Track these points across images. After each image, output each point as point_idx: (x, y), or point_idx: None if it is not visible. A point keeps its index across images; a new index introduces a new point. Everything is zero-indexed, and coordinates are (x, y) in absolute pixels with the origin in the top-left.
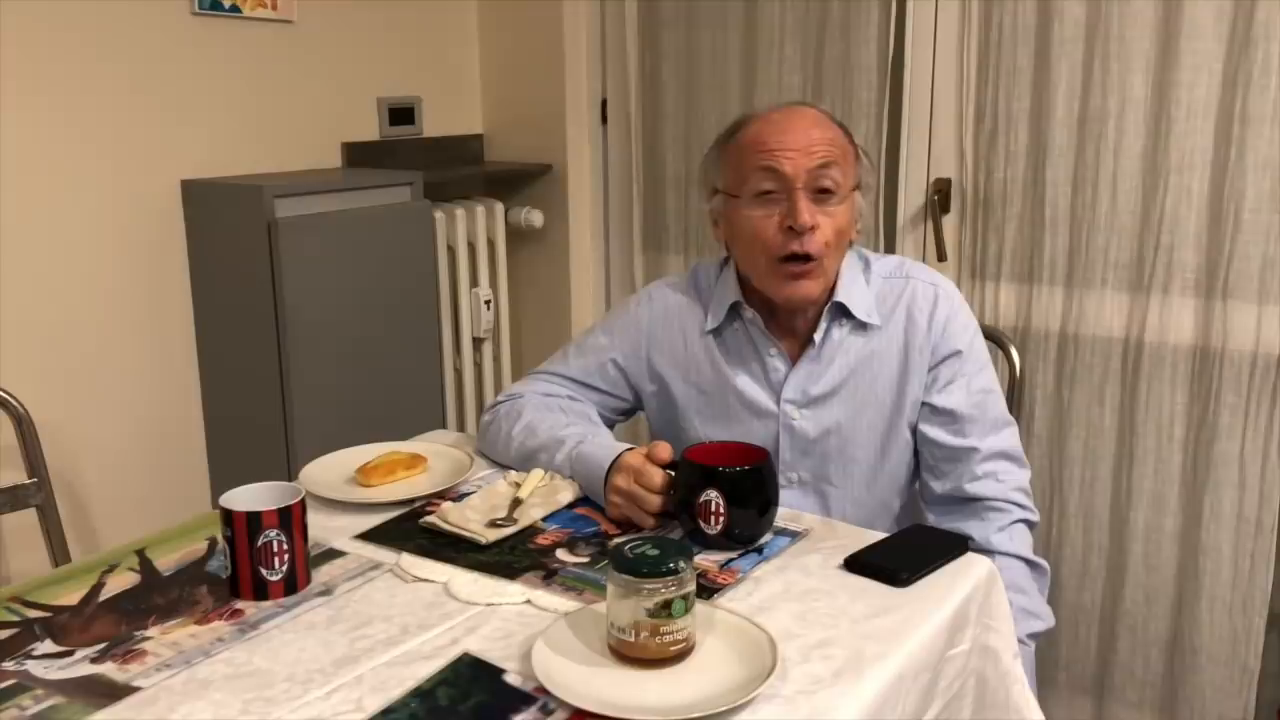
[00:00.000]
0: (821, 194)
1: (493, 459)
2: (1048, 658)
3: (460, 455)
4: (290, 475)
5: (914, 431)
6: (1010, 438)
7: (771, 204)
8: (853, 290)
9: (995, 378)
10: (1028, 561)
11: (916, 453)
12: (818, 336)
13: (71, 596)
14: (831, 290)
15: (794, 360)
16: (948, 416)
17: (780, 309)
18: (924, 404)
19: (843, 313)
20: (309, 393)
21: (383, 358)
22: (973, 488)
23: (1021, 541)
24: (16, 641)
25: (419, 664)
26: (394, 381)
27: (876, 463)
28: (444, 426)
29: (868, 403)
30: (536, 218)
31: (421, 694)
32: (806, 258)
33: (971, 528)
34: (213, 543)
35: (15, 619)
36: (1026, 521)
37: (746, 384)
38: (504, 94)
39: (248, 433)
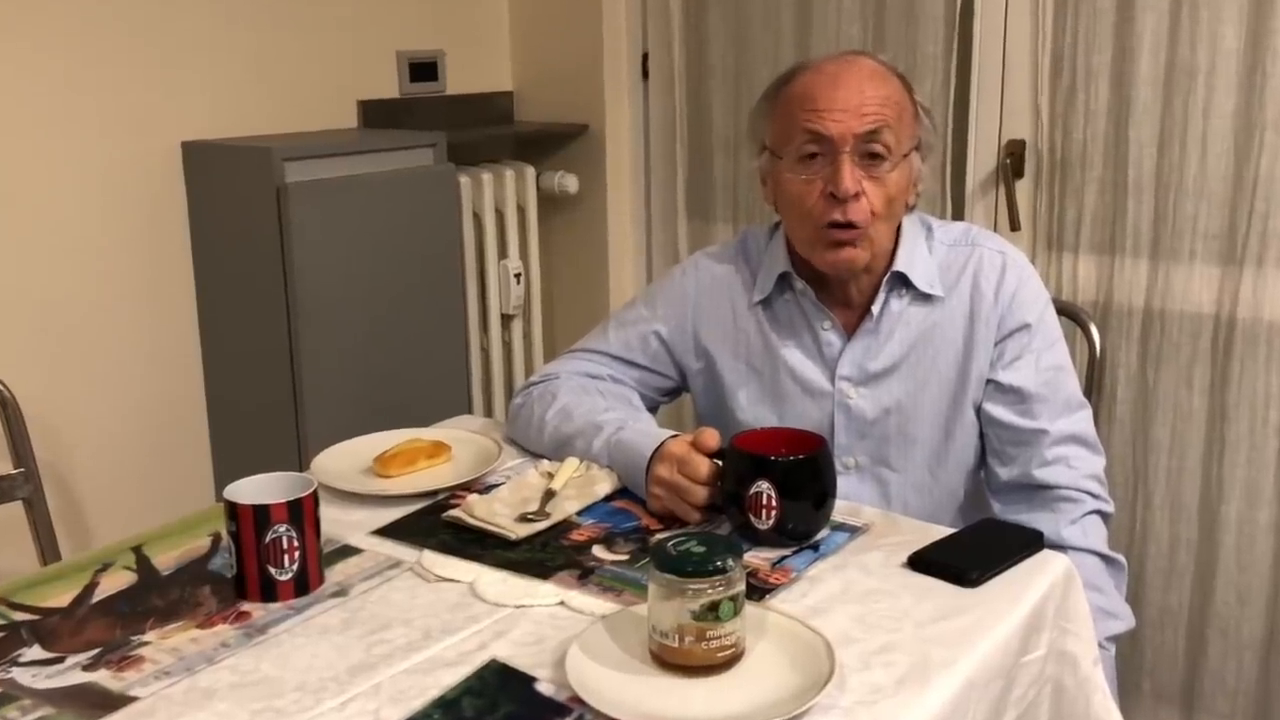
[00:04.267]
0: (870, 159)
1: (523, 447)
2: (1131, 663)
3: (487, 443)
4: (301, 465)
5: (979, 412)
6: (1083, 421)
7: (816, 167)
8: (914, 258)
9: (1067, 355)
10: (1103, 557)
11: (983, 435)
12: (875, 308)
13: (62, 598)
14: (890, 259)
15: (849, 334)
16: (1014, 395)
17: (830, 278)
18: (989, 381)
19: (902, 282)
20: (321, 375)
21: (402, 336)
22: (1042, 474)
23: (1096, 535)
24: (2, 647)
25: (442, 671)
26: (415, 362)
27: (940, 445)
28: (470, 411)
29: (929, 379)
30: (571, 183)
31: (445, 704)
32: (850, 225)
33: (1041, 520)
34: (216, 539)
35: (0, 622)
36: (1100, 513)
37: (798, 360)
38: (535, 47)
39: (254, 419)
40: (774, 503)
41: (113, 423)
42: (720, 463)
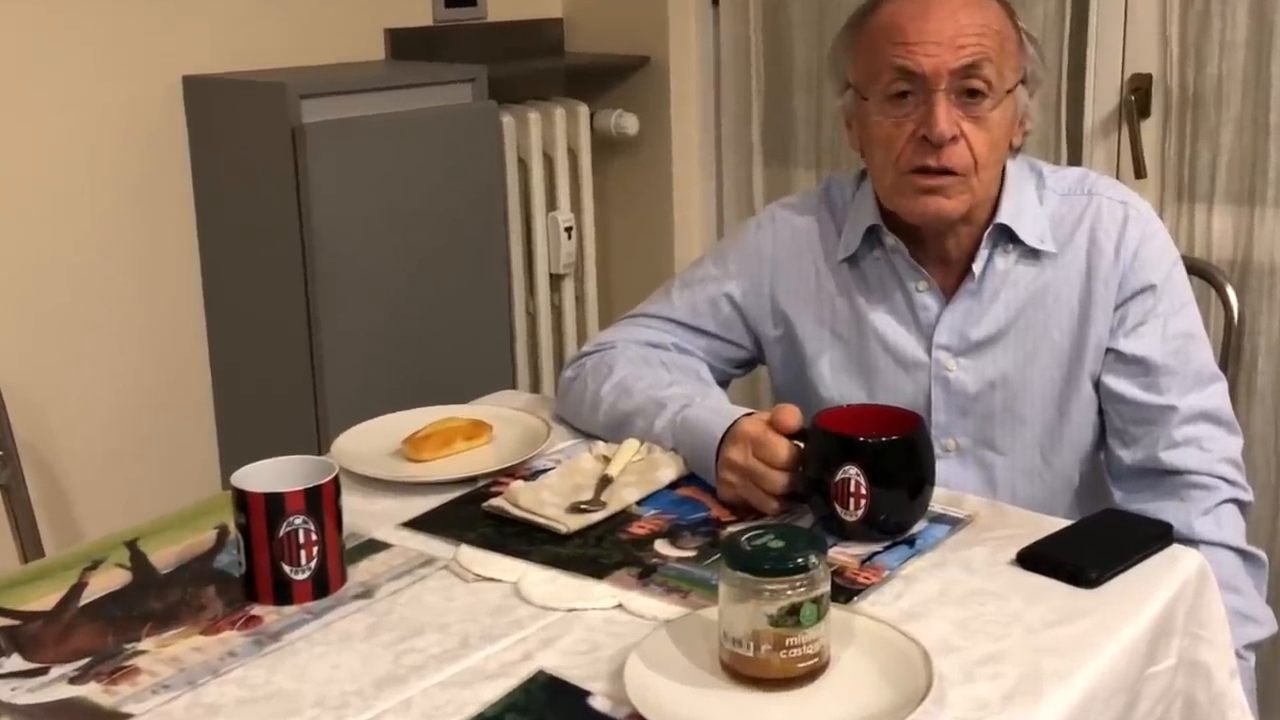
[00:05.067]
0: (969, 96)
1: (575, 426)
2: (1273, 674)
3: (534, 422)
4: (320, 448)
5: (1098, 386)
6: (1217, 395)
7: (906, 107)
8: (1021, 209)
9: (1199, 320)
10: (1240, 552)
11: (1102, 413)
12: (977, 267)
13: (45, 600)
14: (994, 210)
15: (948, 296)
16: (1138, 366)
17: (925, 231)
18: (1109, 350)
19: (1008, 237)
20: (343, 344)
21: (437, 300)
22: (1169, 457)
23: (1232, 527)
24: None
25: (482, 685)
26: (451, 330)
27: (1053, 423)
28: (514, 386)
29: (1040, 349)
30: (630, 123)
31: None
32: (946, 172)
33: (1168, 509)
34: (223, 532)
35: None
36: (1237, 501)
37: (889, 326)
38: None
39: (266, 395)
40: (863, 490)
41: (104, 399)
42: (801, 445)
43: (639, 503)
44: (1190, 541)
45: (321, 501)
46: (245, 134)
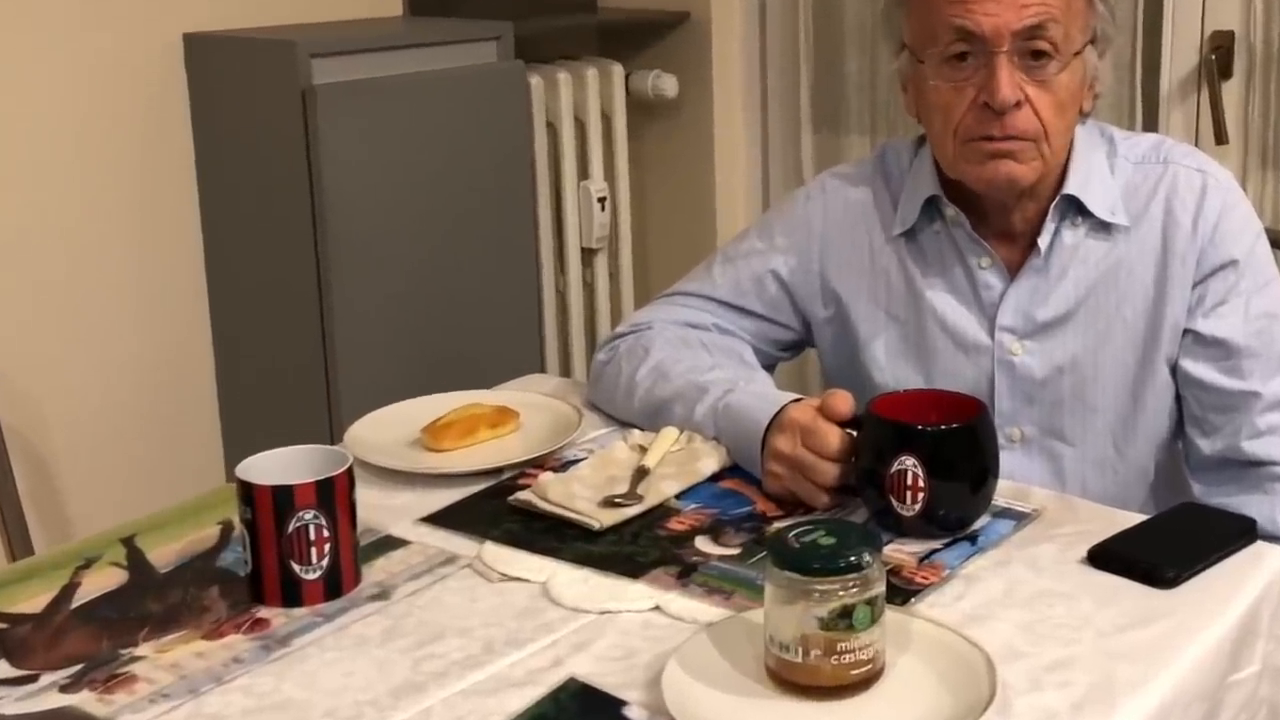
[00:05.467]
0: (1034, 59)
1: (609, 413)
2: None
3: (564, 409)
4: (333, 437)
5: (1175, 370)
6: None
7: (966, 71)
8: (1090, 179)
9: None
10: None
11: (1179, 399)
12: (1043, 241)
13: (35, 601)
14: (1061, 180)
15: (1013, 273)
16: (1218, 349)
17: (988, 202)
18: (1187, 331)
19: (1077, 209)
20: (358, 323)
21: (459, 277)
22: (1253, 447)
23: None
24: None
25: (508, 693)
26: (474, 309)
27: (1126, 411)
28: (542, 369)
29: (1113, 330)
30: (668, 85)
31: None
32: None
33: (1251, 504)
34: (227, 529)
35: None
36: None
37: (949, 306)
38: None
39: (274, 378)
40: (921, 483)
41: (98, 383)
42: (854, 433)
43: (678, 496)
44: (1275, 538)
45: (334, 495)
46: (251, 97)
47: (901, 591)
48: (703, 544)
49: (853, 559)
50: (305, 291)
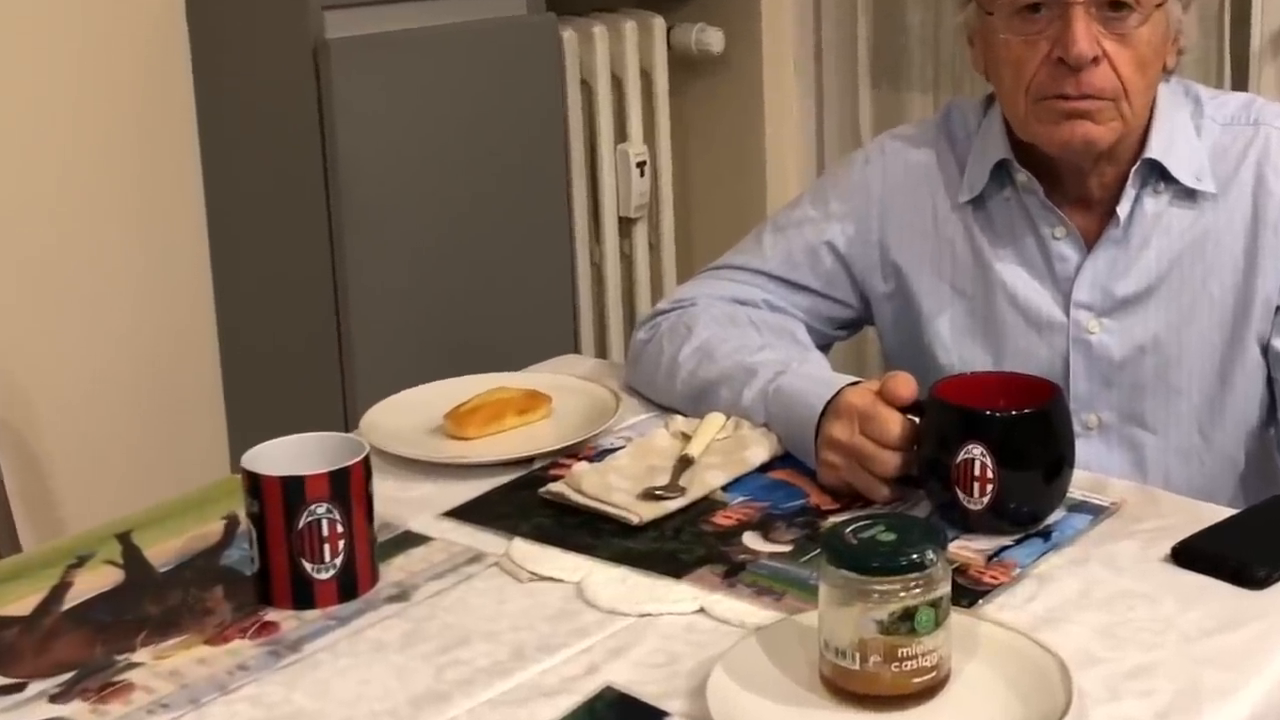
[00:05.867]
0: (1112, 10)
1: (649, 398)
2: None
3: (600, 393)
4: (347, 424)
5: (1266, 350)
6: None
7: (1039, 24)
8: (1174, 142)
9: None
10: None
11: (1271, 382)
12: (1123, 209)
13: (22, 603)
14: (1142, 142)
15: (1089, 244)
16: None
17: (1063, 167)
18: None
19: (1159, 174)
20: (375, 299)
21: (485, 248)
22: None
23: None
24: None
25: (539, 703)
26: (502, 283)
27: (1213, 395)
28: (576, 350)
29: (1199, 307)
30: (713, 39)
31: None
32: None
33: None
34: (231, 523)
35: None
36: None
37: (1020, 280)
38: None
39: (283, 359)
40: (990, 473)
41: (90, 365)
42: (917, 419)
43: (724, 488)
44: None
45: (348, 487)
46: (258, 52)
47: (968, 592)
48: (751, 540)
49: (915, 557)
50: (317, 265)
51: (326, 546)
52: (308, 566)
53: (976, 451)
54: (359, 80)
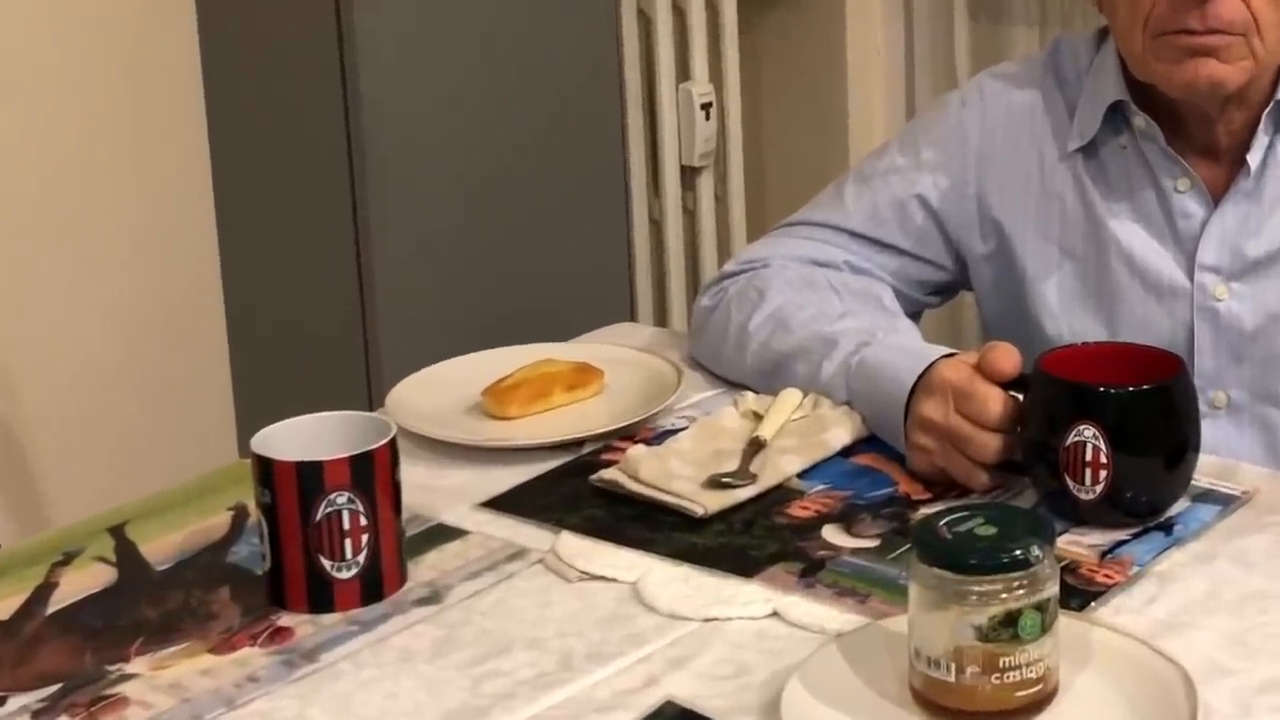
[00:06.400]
0: None
1: (715, 372)
2: None
3: (660, 366)
4: (372, 402)
5: None
6: None
7: None
8: None
9: None
10: None
11: None
12: (1254, 158)
13: (2, 605)
14: (1275, 83)
15: (1216, 198)
16: None
17: (1186, 111)
18: None
19: None
20: (402, 260)
21: (528, 202)
22: None
23: None
24: None
25: (590, 719)
26: (547, 242)
27: None
28: (632, 318)
29: None
30: None
31: None
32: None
33: None
34: (239, 515)
35: None
36: None
37: (1137, 238)
38: None
39: (299, 329)
40: (1104, 458)
41: (80, 339)
42: (1020, 397)
43: (801, 475)
44: None
45: (373, 473)
46: None
47: (1079, 593)
48: (832, 534)
49: (1018, 553)
50: (337, 221)
51: (348, 541)
52: (326, 564)
53: (1088, 433)
54: (386, 9)
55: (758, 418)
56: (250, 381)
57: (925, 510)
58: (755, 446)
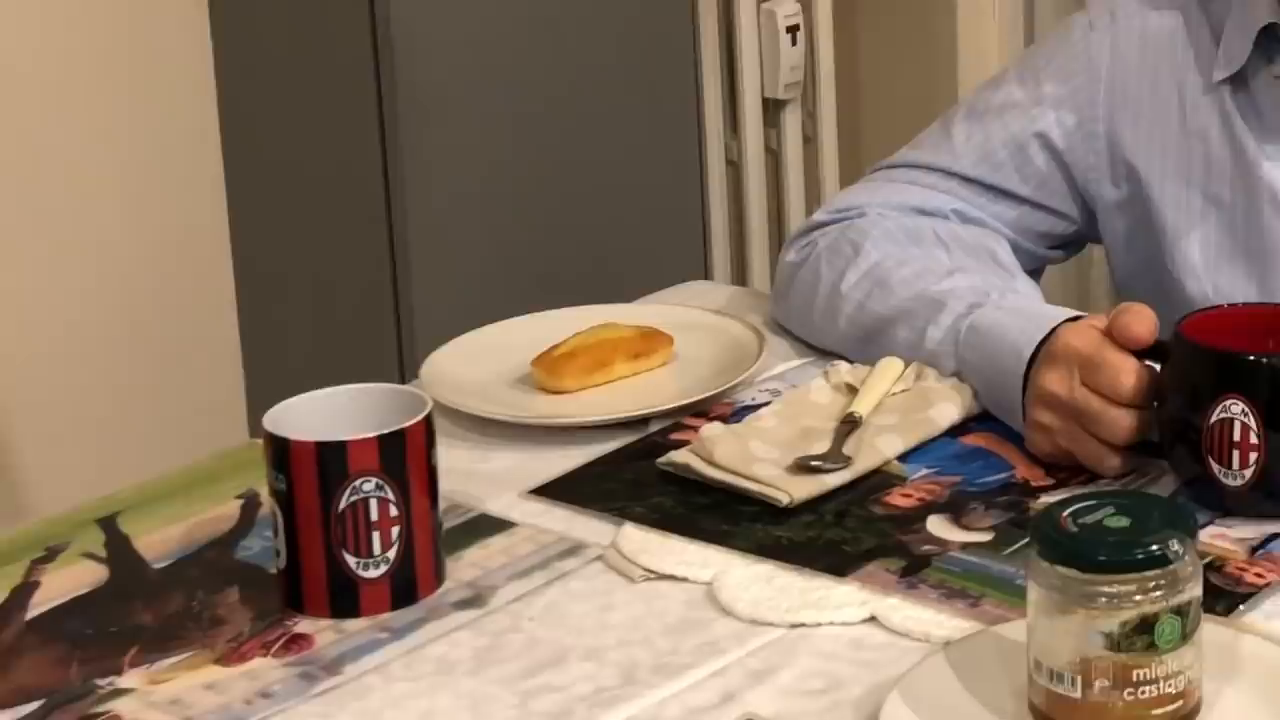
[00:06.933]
0: None
1: (802, 338)
2: None
3: (738, 331)
4: (404, 373)
5: None
6: None
7: None
8: None
9: None
10: None
11: None
12: None
13: None
14: None
15: None
16: None
17: None
18: None
19: None
20: (439, 210)
21: (584, 141)
22: None
23: None
24: None
25: None
26: (606, 188)
27: None
28: (706, 275)
29: None
30: None
31: None
32: None
33: None
34: (250, 504)
35: None
36: None
37: None
38: None
39: (318, 288)
40: (1254, 438)
41: (65, 303)
42: (1158, 367)
43: (902, 458)
44: None
45: (405, 455)
46: None
47: (1226, 595)
48: (938, 527)
49: (1155, 549)
50: (363, 164)
51: (376, 535)
52: (351, 562)
53: (1236, 409)
54: None
55: (852, 391)
56: (262, 349)
57: (1046, 498)
58: (849, 425)
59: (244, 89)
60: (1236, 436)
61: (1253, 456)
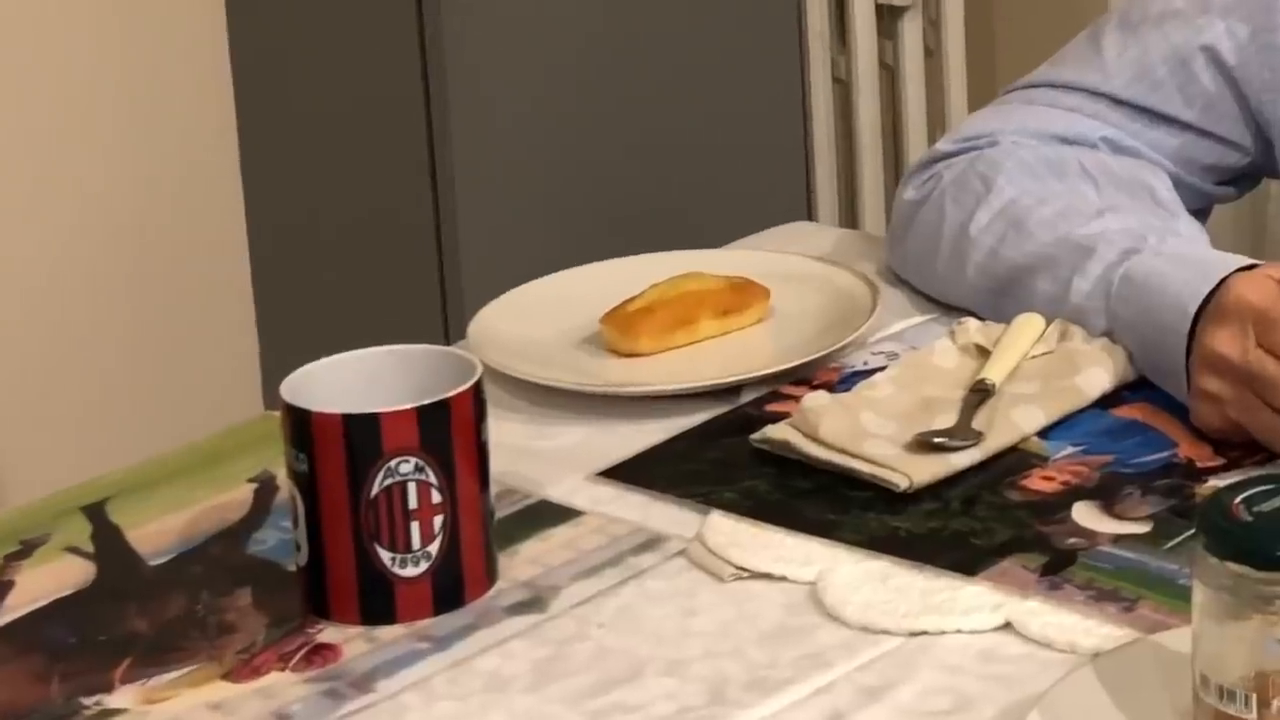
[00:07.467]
0: None
1: (923, 290)
2: None
3: (847, 282)
4: (449, 333)
5: None
6: None
7: None
8: None
9: None
10: None
11: None
12: None
13: None
14: None
15: None
16: None
17: None
18: None
19: None
20: (489, 141)
21: (662, 59)
22: None
23: None
24: None
25: None
26: (689, 114)
27: None
28: (809, 216)
29: None
30: None
31: None
32: None
33: None
34: (265, 489)
35: None
36: None
37: None
38: None
39: (346, 234)
40: None
41: (50, 260)
42: None
43: (1044, 434)
44: None
45: (449, 431)
46: None
47: None
48: (1085, 515)
49: None
50: (403, 87)
51: (415, 525)
52: (385, 557)
53: None
54: None
55: (983, 354)
56: (279, 305)
57: (1215, 482)
58: (980, 394)
59: (259, 34)
60: None
61: None
